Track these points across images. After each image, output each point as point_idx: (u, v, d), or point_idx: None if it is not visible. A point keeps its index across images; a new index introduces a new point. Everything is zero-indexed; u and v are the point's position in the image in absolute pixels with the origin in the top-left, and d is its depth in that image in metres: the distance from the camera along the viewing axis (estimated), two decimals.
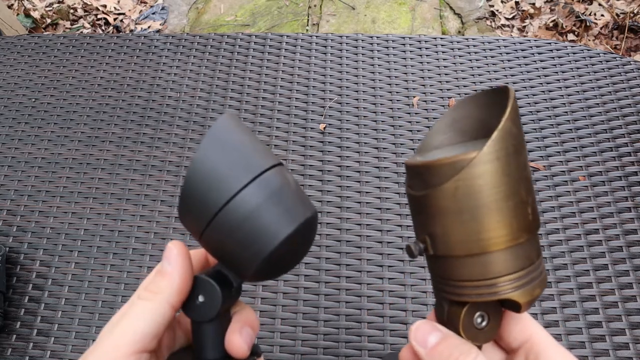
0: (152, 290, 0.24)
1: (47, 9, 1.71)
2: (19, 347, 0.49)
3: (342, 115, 0.63)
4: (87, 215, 0.57)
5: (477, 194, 0.22)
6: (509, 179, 0.22)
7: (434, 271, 0.25)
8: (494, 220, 0.22)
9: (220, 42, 0.70)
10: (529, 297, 0.23)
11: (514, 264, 0.23)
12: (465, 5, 1.67)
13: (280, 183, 0.24)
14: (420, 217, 0.24)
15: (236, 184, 0.23)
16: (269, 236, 0.23)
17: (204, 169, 0.23)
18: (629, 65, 0.65)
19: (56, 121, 0.64)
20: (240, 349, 0.25)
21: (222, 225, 0.23)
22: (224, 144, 0.23)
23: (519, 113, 0.23)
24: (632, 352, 0.47)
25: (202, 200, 0.23)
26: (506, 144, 0.22)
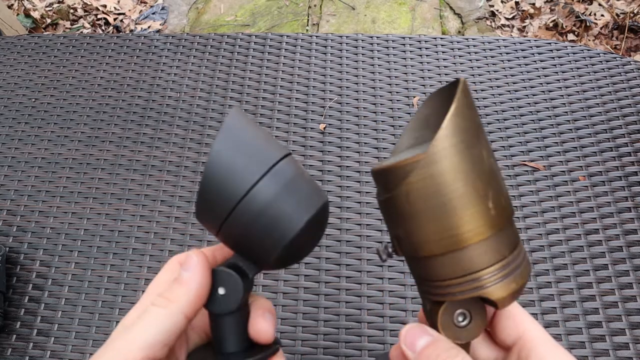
0: (167, 298, 0.24)
1: (47, 9, 1.71)
2: (19, 347, 0.49)
3: (342, 115, 0.63)
4: (87, 215, 0.57)
5: (427, 196, 0.22)
6: (462, 175, 0.22)
7: (412, 272, 0.25)
8: (450, 220, 0.22)
9: (220, 42, 0.70)
10: (504, 293, 0.22)
11: (481, 260, 0.22)
12: (465, 5, 1.67)
13: (294, 172, 0.24)
14: (387, 221, 0.25)
15: (253, 176, 0.23)
16: (290, 224, 0.24)
17: (220, 164, 0.23)
18: (629, 65, 0.65)
19: (56, 121, 0.64)
20: (268, 332, 0.25)
21: (241, 217, 0.23)
22: (238, 139, 0.24)
23: (472, 104, 0.23)
24: (632, 352, 0.47)
25: (221, 194, 0.23)
26: (455, 141, 0.21)
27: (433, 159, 0.21)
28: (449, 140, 0.21)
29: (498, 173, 0.23)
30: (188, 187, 0.58)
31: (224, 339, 0.25)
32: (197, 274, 0.24)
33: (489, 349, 0.27)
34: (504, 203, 0.23)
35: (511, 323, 0.25)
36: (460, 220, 0.22)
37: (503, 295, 0.22)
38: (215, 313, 0.25)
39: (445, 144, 0.21)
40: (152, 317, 0.23)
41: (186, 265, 0.24)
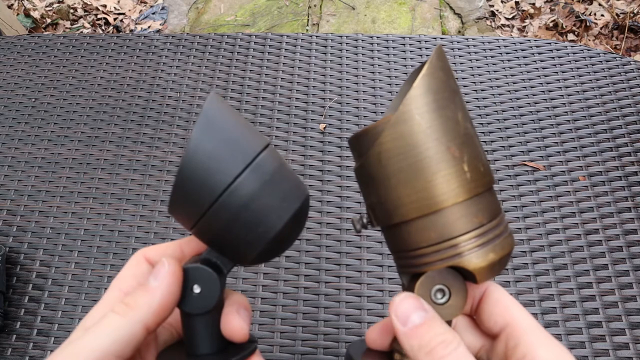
0: (128, 304, 0.22)
1: (47, 9, 1.71)
2: (19, 347, 0.49)
3: (342, 115, 0.63)
4: (87, 215, 0.57)
5: (399, 156, 0.21)
6: (434, 135, 0.21)
7: (389, 247, 0.24)
8: (422, 181, 0.21)
9: (220, 42, 0.70)
10: (481, 263, 0.21)
11: (457, 225, 0.21)
12: (465, 5, 1.67)
13: (277, 164, 0.23)
14: (362, 190, 0.24)
15: (235, 168, 0.22)
16: (274, 218, 0.23)
17: (200, 155, 0.22)
18: (629, 65, 0.65)
19: (56, 121, 0.64)
20: (242, 329, 0.23)
21: (222, 212, 0.22)
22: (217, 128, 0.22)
23: (447, 69, 0.22)
24: (632, 352, 0.47)
25: (200, 187, 0.22)
26: (426, 100, 0.21)
27: (403, 117, 0.21)
28: (420, 100, 0.21)
29: (476, 139, 0.23)
30: None
31: (197, 339, 0.24)
32: (164, 284, 0.22)
33: (474, 336, 0.26)
34: (482, 169, 0.22)
35: (498, 310, 0.24)
36: (432, 181, 0.21)
37: (480, 265, 0.21)
38: (188, 313, 0.24)
39: (417, 103, 0.21)
40: (107, 325, 0.21)
41: (156, 272, 0.23)
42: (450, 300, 0.22)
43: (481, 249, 0.21)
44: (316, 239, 0.54)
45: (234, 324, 0.23)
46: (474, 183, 0.22)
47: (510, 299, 0.24)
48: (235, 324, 0.23)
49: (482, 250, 0.21)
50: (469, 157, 0.22)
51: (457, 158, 0.21)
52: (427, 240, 0.22)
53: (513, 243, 0.23)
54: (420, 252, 0.22)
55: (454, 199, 0.21)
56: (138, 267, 0.25)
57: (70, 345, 0.21)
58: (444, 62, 0.22)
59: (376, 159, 0.22)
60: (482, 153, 0.23)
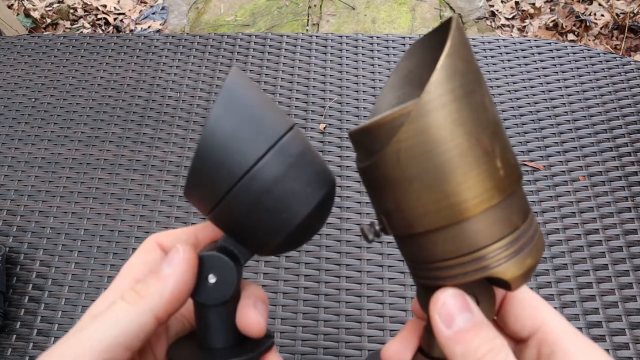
0: (139, 292, 0.20)
1: (47, 9, 1.71)
2: (19, 347, 0.49)
3: (342, 115, 0.63)
4: (87, 215, 0.57)
5: (423, 156, 0.18)
6: (463, 128, 0.17)
7: (404, 255, 0.21)
8: (450, 184, 0.18)
9: (220, 42, 0.70)
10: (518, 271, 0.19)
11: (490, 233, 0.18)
12: (465, 5, 1.67)
13: (303, 145, 0.21)
14: (372, 193, 0.21)
15: (258, 149, 0.20)
16: (300, 204, 0.21)
17: (220, 133, 0.20)
18: (629, 65, 0.65)
19: (56, 121, 0.64)
20: (259, 324, 0.22)
21: (243, 196, 0.20)
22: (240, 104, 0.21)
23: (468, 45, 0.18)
24: (632, 352, 0.47)
25: (219, 168, 0.20)
26: (452, 86, 0.17)
27: (426, 109, 0.17)
28: (444, 86, 0.17)
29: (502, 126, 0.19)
30: None
31: (211, 332, 0.22)
32: (178, 271, 0.21)
33: None
34: (513, 161, 0.19)
35: (526, 312, 0.22)
36: (463, 184, 0.18)
37: (517, 273, 0.18)
38: (203, 304, 0.22)
39: (441, 90, 0.17)
40: (115, 314, 0.20)
41: (170, 259, 0.21)
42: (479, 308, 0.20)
43: (517, 256, 0.19)
44: (316, 239, 0.54)
45: (251, 317, 0.22)
46: (507, 180, 0.18)
47: (538, 299, 0.22)
48: (251, 317, 0.22)
49: (518, 256, 0.19)
50: (500, 149, 0.18)
51: (489, 153, 0.18)
52: (454, 252, 0.19)
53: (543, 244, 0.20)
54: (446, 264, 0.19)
55: (487, 203, 0.18)
56: (150, 254, 0.24)
57: (77, 334, 0.20)
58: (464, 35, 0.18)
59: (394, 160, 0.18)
60: (508, 141, 0.19)
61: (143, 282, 0.21)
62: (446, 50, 0.17)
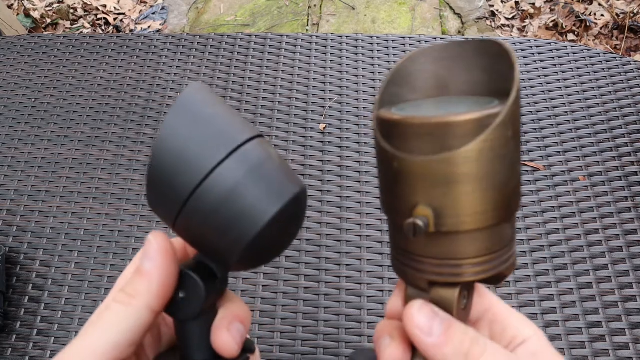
0: (129, 293, 0.21)
1: (47, 9, 1.71)
2: (19, 347, 0.49)
3: (342, 115, 0.63)
4: (87, 215, 0.57)
5: (500, 158, 0.19)
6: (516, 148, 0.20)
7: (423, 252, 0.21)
8: (508, 187, 0.20)
9: (220, 42, 0.70)
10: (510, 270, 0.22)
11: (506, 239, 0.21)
12: (465, 5, 1.67)
13: (260, 157, 0.21)
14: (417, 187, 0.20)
15: (210, 161, 0.20)
16: (252, 218, 0.20)
17: (171, 146, 0.20)
18: (629, 65, 0.65)
19: (56, 121, 0.64)
20: (229, 346, 0.22)
21: (197, 210, 0.20)
22: (194, 117, 0.20)
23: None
24: (632, 352, 0.47)
25: (172, 182, 0.20)
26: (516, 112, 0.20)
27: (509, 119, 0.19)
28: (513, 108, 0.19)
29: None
30: None
31: (189, 345, 0.22)
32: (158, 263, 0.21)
33: None
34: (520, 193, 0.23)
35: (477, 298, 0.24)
36: (514, 189, 0.20)
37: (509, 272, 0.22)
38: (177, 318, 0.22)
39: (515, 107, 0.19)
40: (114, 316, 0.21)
41: (146, 253, 0.21)
42: (467, 303, 0.22)
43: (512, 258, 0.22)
44: (316, 239, 0.54)
45: (223, 339, 0.22)
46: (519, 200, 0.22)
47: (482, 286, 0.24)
48: (223, 340, 0.22)
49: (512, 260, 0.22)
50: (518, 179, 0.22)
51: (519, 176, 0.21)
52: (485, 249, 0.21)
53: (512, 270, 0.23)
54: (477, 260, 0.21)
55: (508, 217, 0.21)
56: None
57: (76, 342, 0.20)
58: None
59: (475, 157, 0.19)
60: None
61: (130, 282, 0.21)
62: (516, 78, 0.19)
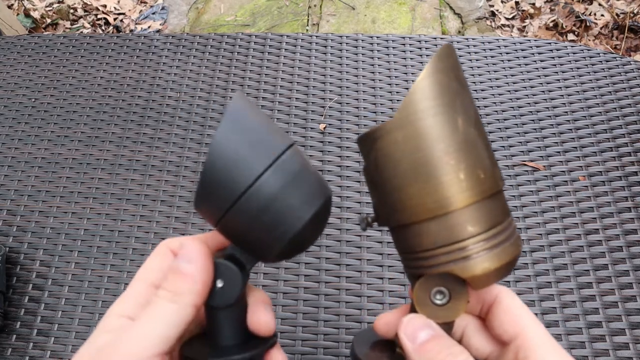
0: (173, 291, 0.23)
1: (47, 9, 1.71)
2: (19, 347, 0.49)
3: (342, 115, 0.63)
4: (87, 215, 0.57)
5: (394, 163, 0.21)
6: (427, 143, 0.21)
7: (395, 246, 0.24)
8: (414, 189, 0.21)
9: (220, 42, 0.70)
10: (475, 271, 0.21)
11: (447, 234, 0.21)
12: (465, 5, 1.67)
13: (300, 163, 0.24)
14: (368, 189, 0.25)
15: (258, 167, 0.22)
16: (295, 218, 0.23)
17: (224, 152, 0.22)
18: (629, 65, 0.65)
19: (56, 121, 0.64)
20: (270, 324, 0.25)
21: (244, 210, 0.23)
22: (242, 125, 0.23)
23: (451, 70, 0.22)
24: (632, 352, 0.47)
25: (224, 184, 0.22)
26: (423, 106, 0.21)
27: (399, 124, 0.21)
28: (415, 106, 0.21)
29: (478, 144, 0.22)
30: (188, 187, 0.58)
31: (220, 331, 0.25)
32: (199, 265, 0.23)
33: (484, 340, 0.26)
34: (483, 176, 0.22)
35: (508, 318, 0.24)
36: (425, 189, 0.21)
37: (475, 273, 0.21)
38: (211, 306, 0.25)
39: (412, 109, 0.21)
40: (162, 312, 0.22)
41: (185, 256, 0.23)
42: (450, 302, 0.23)
43: (476, 258, 0.21)
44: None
45: (263, 318, 0.25)
46: (470, 191, 0.21)
47: (521, 308, 0.24)
48: (264, 318, 0.25)
49: (477, 259, 0.21)
50: (466, 164, 0.21)
51: (452, 165, 0.21)
52: (420, 245, 0.22)
53: (516, 250, 0.22)
54: (416, 256, 0.22)
55: (446, 208, 0.21)
56: (164, 259, 0.25)
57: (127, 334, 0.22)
58: (447, 62, 0.22)
59: (373, 164, 0.22)
60: (485, 159, 0.22)
61: (171, 282, 0.23)
62: (421, 75, 0.21)
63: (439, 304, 0.23)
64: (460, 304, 0.22)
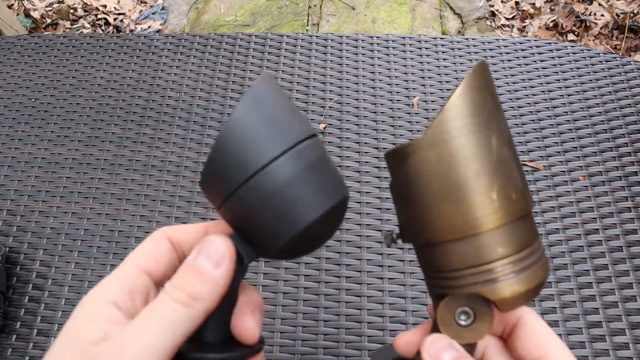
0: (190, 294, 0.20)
1: (47, 9, 1.71)
2: (19, 347, 0.49)
3: (342, 115, 0.63)
4: (87, 215, 0.57)
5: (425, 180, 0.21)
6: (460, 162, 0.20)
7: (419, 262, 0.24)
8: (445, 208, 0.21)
9: (220, 42, 0.70)
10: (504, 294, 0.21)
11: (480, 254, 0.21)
12: (465, 5, 1.67)
13: (320, 154, 0.22)
14: (395, 205, 0.24)
15: (274, 149, 0.21)
16: (306, 210, 0.21)
17: (240, 129, 0.21)
18: (629, 65, 0.65)
19: (56, 121, 0.64)
20: (253, 331, 0.22)
21: (252, 192, 0.21)
22: (263, 105, 0.22)
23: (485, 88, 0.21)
24: (632, 352, 0.47)
25: (234, 162, 0.21)
26: (456, 125, 0.20)
27: (431, 142, 0.21)
28: (449, 124, 0.20)
29: (511, 164, 0.21)
30: (188, 187, 0.58)
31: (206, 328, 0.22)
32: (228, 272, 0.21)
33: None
34: (515, 197, 0.21)
35: (532, 340, 0.23)
36: (456, 209, 0.21)
37: (502, 296, 0.21)
38: None
39: (445, 127, 0.20)
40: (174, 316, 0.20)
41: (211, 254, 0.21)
42: (475, 323, 0.22)
43: (505, 280, 0.21)
44: None
45: (248, 324, 0.22)
46: (502, 212, 0.21)
47: (545, 330, 0.24)
48: (249, 324, 0.22)
49: (506, 281, 0.21)
50: (499, 185, 0.21)
51: (486, 186, 0.20)
52: (448, 265, 0.21)
53: (544, 274, 0.22)
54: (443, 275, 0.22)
55: (477, 228, 0.21)
56: (159, 245, 0.24)
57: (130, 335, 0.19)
58: (482, 80, 0.21)
59: (404, 181, 0.22)
60: (517, 179, 0.22)
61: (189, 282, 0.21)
62: (455, 93, 0.20)
63: (463, 324, 0.22)
64: (485, 325, 0.22)
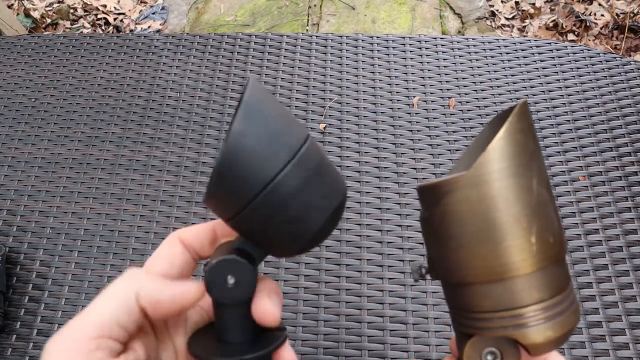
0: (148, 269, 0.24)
1: (47, 9, 1.71)
2: (19, 347, 0.49)
3: (342, 115, 0.63)
4: (87, 215, 0.57)
5: (464, 220, 0.21)
6: (502, 205, 0.20)
7: (446, 299, 0.24)
8: (484, 250, 0.20)
9: (220, 42, 0.70)
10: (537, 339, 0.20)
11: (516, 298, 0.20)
12: (465, 5, 1.67)
13: (318, 156, 0.23)
14: (425, 240, 0.24)
15: (278, 162, 0.21)
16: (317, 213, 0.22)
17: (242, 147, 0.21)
18: (629, 65, 0.65)
19: (56, 121, 0.64)
20: (273, 314, 0.23)
21: (264, 206, 0.21)
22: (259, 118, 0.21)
23: (527, 129, 0.21)
24: (632, 352, 0.47)
25: (241, 180, 0.21)
26: (500, 166, 0.20)
27: (473, 182, 0.20)
28: (492, 165, 0.20)
29: (549, 207, 0.21)
30: (188, 187, 0.58)
31: (230, 328, 0.23)
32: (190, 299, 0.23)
33: None
34: (552, 241, 0.21)
35: None
36: (494, 251, 0.20)
37: (536, 341, 0.20)
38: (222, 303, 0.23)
39: (488, 168, 0.20)
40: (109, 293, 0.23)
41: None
42: None
43: (538, 325, 0.20)
44: None
45: (266, 307, 0.23)
46: (539, 256, 0.21)
47: None
48: (267, 307, 0.23)
49: (540, 326, 0.20)
50: (538, 228, 0.20)
51: (525, 229, 0.20)
52: (482, 306, 0.21)
53: (576, 319, 0.22)
54: (475, 316, 0.22)
55: (514, 272, 0.20)
56: (172, 249, 0.25)
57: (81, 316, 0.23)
58: (525, 121, 0.21)
59: (440, 218, 0.21)
60: (555, 222, 0.22)
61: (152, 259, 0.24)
62: (499, 134, 0.20)
63: None
64: None
